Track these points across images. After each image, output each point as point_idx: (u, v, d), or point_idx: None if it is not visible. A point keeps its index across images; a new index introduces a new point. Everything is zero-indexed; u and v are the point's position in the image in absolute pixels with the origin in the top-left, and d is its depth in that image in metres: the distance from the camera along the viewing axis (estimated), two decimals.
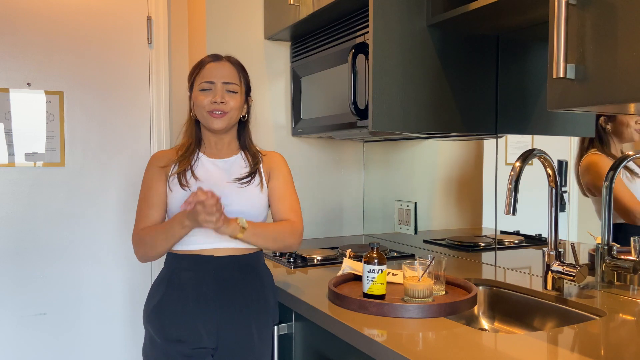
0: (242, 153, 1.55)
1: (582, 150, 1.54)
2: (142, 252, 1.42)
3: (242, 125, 1.56)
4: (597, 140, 1.50)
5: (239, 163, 1.52)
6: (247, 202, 1.45)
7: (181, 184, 1.44)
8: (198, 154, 1.51)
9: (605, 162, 1.48)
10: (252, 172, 1.49)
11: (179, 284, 1.39)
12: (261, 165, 1.53)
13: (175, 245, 1.43)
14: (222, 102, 1.43)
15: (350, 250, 1.81)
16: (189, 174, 1.46)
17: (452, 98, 1.68)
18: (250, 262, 1.45)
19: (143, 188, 1.49)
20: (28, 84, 2.14)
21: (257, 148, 1.58)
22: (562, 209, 1.57)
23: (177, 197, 1.43)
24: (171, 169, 1.48)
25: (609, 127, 1.47)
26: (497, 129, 1.77)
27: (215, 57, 1.49)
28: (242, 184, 1.47)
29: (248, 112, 1.55)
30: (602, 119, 1.48)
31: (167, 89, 2.35)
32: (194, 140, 1.52)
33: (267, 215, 1.52)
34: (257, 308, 1.43)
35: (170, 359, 1.36)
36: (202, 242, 1.41)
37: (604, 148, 1.48)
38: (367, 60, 1.66)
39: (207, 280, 1.39)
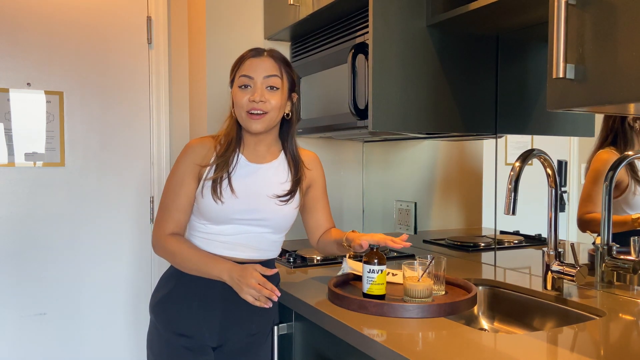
0: (285, 157, 1.45)
1: (598, 147, 1.50)
2: (165, 258, 1.39)
3: (286, 125, 1.45)
4: (620, 138, 1.46)
5: (279, 173, 1.43)
6: (282, 219, 1.41)
7: (215, 195, 1.34)
8: (238, 156, 1.40)
9: (611, 162, 1.46)
10: (293, 191, 1.42)
11: (188, 283, 1.38)
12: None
13: (196, 243, 1.41)
14: (261, 101, 1.33)
15: (351, 250, 1.80)
16: (225, 183, 1.35)
17: (452, 98, 1.68)
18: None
19: (174, 181, 1.38)
20: (28, 84, 2.14)
21: (299, 151, 1.48)
22: (562, 209, 1.57)
23: (208, 205, 1.35)
24: (207, 171, 1.37)
25: (637, 125, 1.43)
26: (496, 129, 1.77)
27: (257, 52, 1.38)
28: (281, 201, 1.40)
29: (292, 111, 1.44)
30: (630, 117, 1.43)
31: (167, 89, 2.35)
32: (234, 137, 1.39)
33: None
34: (260, 309, 1.42)
35: (173, 350, 1.37)
36: (225, 249, 1.39)
37: (626, 147, 1.44)
38: (367, 60, 1.66)
39: (215, 282, 1.37)
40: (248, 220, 1.38)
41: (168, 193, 1.40)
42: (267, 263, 1.45)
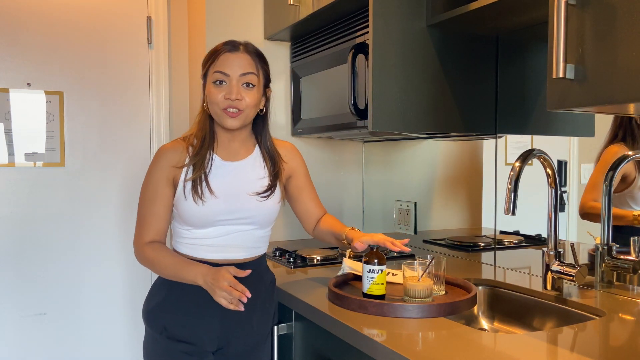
0: (260, 151, 1.44)
1: (608, 143, 1.50)
2: (147, 267, 1.38)
3: (260, 120, 1.44)
4: (628, 136, 1.46)
5: (256, 169, 1.42)
6: (265, 214, 1.40)
7: (197, 195, 1.32)
8: (212, 155, 1.37)
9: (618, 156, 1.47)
10: (273, 186, 1.41)
11: (180, 290, 1.36)
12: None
13: (183, 249, 1.40)
14: (237, 99, 1.31)
15: (350, 250, 1.80)
16: (204, 184, 1.33)
17: (452, 98, 1.68)
18: (253, 267, 1.42)
19: (149, 189, 1.36)
20: (28, 84, 2.14)
21: (274, 144, 1.46)
22: (562, 209, 1.57)
23: (189, 208, 1.34)
24: (184, 173, 1.35)
25: None
26: (496, 129, 1.77)
27: (232, 46, 1.34)
28: (262, 197, 1.39)
29: (267, 106, 1.43)
30: (638, 117, 1.44)
31: (167, 89, 2.35)
32: (207, 133, 1.38)
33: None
34: (259, 310, 1.42)
35: (171, 355, 1.35)
36: (213, 252, 1.38)
37: (634, 145, 1.45)
38: (367, 60, 1.66)
39: None
40: (232, 220, 1.37)
41: (144, 201, 1.37)
42: (259, 261, 1.46)
